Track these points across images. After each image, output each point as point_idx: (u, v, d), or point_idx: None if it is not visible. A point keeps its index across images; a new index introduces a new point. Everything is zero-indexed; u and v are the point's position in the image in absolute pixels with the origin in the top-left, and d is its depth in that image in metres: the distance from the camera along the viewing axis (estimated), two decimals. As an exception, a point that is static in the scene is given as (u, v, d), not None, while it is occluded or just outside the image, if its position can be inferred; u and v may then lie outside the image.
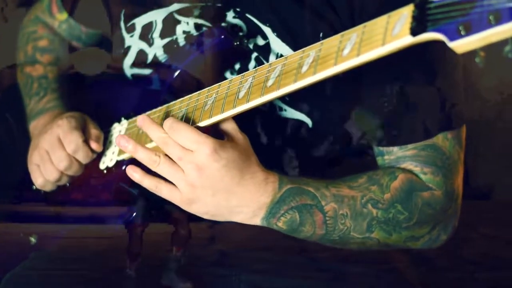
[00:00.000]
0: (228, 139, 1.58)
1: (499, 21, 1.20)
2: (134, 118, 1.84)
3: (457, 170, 1.70)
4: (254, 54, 1.78)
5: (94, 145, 1.84)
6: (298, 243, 1.75)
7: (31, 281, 1.81)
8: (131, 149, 1.62)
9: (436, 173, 1.67)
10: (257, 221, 1.59)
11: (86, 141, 1.83)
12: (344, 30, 1.41)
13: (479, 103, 3.25)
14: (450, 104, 1.68)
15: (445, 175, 1.67)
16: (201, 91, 1.65)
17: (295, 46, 1.73)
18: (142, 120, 1.62)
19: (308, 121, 1.78)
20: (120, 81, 1.99)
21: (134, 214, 1.78)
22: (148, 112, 1.78)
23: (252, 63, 1.78)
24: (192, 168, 1.54)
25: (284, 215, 1.59)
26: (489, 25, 1.21)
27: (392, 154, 1.70)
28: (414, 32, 1.29)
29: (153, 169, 1.59)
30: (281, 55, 1.74)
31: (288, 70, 1.49)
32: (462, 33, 1.23)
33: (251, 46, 1.78)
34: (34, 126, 2.01)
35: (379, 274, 1.88)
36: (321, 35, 1.69)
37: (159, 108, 1.74)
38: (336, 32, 1.43)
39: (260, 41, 1.78)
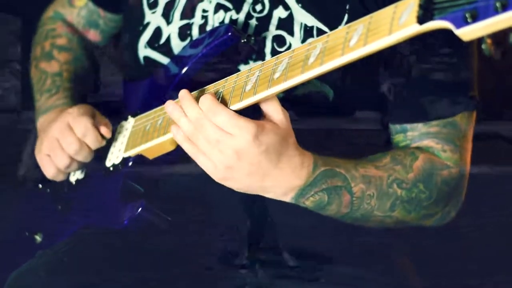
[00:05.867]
0: (267, 119, 1.56)
1: (505, 8, 1.20)
2: (140, 116, 1.85)
3: (469, 148, 1.77)
4: (271, 36, 1.79)
5: (103, 130, 1.85)
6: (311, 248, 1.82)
7: (37, 280, 1.80)
8: (176, 116, 1.58)
9: (454, 151, 1.73)
10: (286, 199, 1.62)
11: (95, 126, 1.84)
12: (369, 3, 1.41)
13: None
14: (472, 86, 1.76)
15: (461, 153, 1.74)
16: (207, 86, 1.66)
17: (320, 16, 1.76)
18: (183, 93, 1.59)
19: (330, 93, 1.79)
20: (127, 79, 2.01)
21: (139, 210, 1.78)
22: (155, 109, 1.78)
23: (268, 46, 1.80)
24: (230, 152, 1.52)
25: (313, 195, 1.61)
26: (495, 12, 1.21)
27: (416, 130, 1.75)
28: (420, 20, 1.29)
29: (192, 141, 1.56)
30: (305, 25, 1.77)
31: (295, 62, 1.49)
32: (469, 20, 1.23)
33: (270, 34, 1.79)
34: (41, 122, 2.00)
35: None
36: (347, 6, 1.70)
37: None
38: (362, 3, 1.42)
39: (283, 13, 1.79)
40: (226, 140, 1.51)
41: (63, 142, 1.84)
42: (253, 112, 1.58)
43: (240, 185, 1.58)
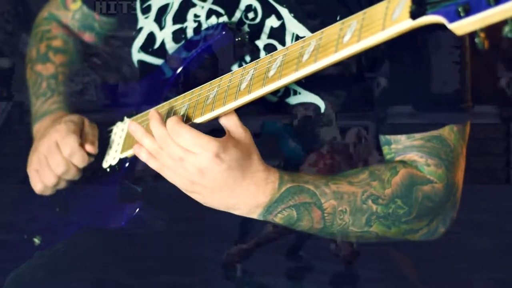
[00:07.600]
0: (229, 135, 1.57)
1: (498, 1, 1.20)
2: (135, 116, 1.85)
3: (459, 164, 1.72)
4: (263, 44, 1.79)
5: (88, 148, 1.85)
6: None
7: (35, 280, 1.80)
8: (139, 135, 1.62)
9: (439, 166, 1.69)
10: (254, 216, 1.61)
11: (82, 145, 1.84)
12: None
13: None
14: (460, 99, 1.72)
15: (447, 168, 1.69)
16: (202, 85, 1.66)
17: (311, 27, 1.75)
18: (152, 112, 1.62)
19: (321, 104, 1.79)
20: (121, 80, 2.01)
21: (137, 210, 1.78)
22: (151, 109, 1.78)
23: (262, 53, 1.79)
24: (194, 170, 1.54)
25: (281, 212, 1.60)
26: (488, 6, 1.21)
27: (399, 143, 1.72)
28: (413, 15, 1.29)
29: (156, 158, 1.59)
30: (297, 36, 1.76)
31: (289, 60, 1.49)
32: (461, 14, 1.23)
33: (261, 43, 1.79)
34: (37, 128, 2.01)
35: None
36: (338, 17, 1.69)
37: (162, 104, 1.74)
38: (351, 14, 1.43)
39: (275, 23, 1.79)
40: (189, 158, 1.54)
41: (50, 161, 1.84)
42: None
43: (206, 201, 1.60)
